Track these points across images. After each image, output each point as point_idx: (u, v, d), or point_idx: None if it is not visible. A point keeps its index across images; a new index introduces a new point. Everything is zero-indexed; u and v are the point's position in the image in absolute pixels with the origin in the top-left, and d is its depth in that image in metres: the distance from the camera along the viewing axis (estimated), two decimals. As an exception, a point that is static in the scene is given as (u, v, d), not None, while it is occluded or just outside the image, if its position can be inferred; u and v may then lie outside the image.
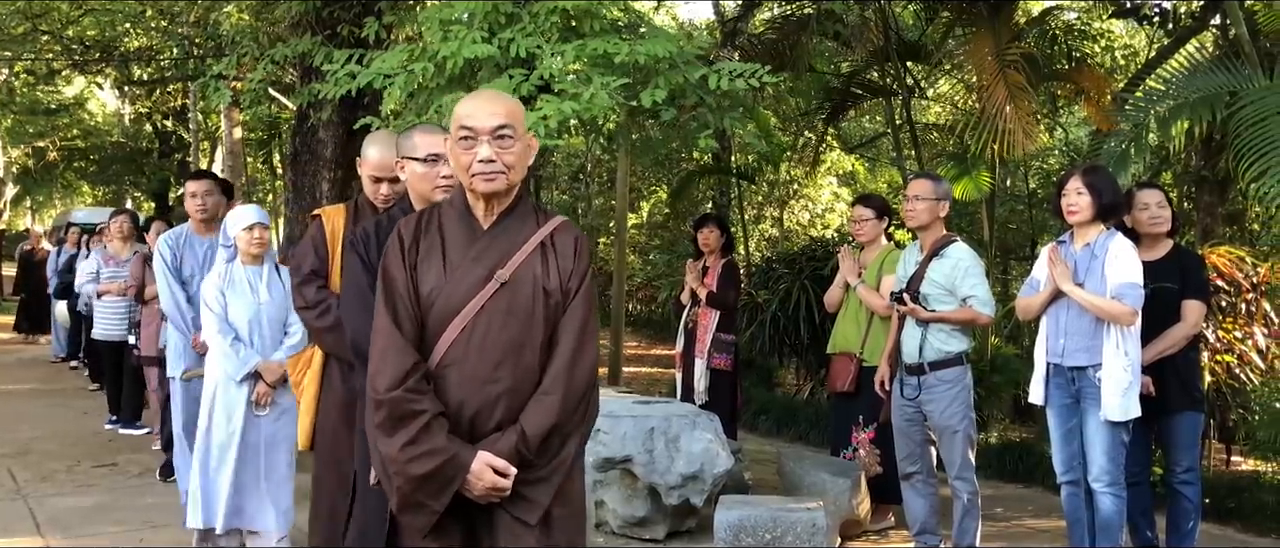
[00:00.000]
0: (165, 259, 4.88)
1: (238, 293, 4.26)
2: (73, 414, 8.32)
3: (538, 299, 2.27)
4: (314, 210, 3.41)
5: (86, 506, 5.43)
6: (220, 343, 4.21)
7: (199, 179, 5.11)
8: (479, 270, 2.27)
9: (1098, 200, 3.94)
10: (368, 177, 3.27)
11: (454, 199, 2.38)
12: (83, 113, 26.56)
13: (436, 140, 2.82)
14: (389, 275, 2.28)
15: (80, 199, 33.66)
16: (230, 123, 19.03)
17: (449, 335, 2.23)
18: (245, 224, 4.21)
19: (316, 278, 3.22)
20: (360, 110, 7.42)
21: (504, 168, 2.26)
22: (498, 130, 2.25)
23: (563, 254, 2.34)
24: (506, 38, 4.67)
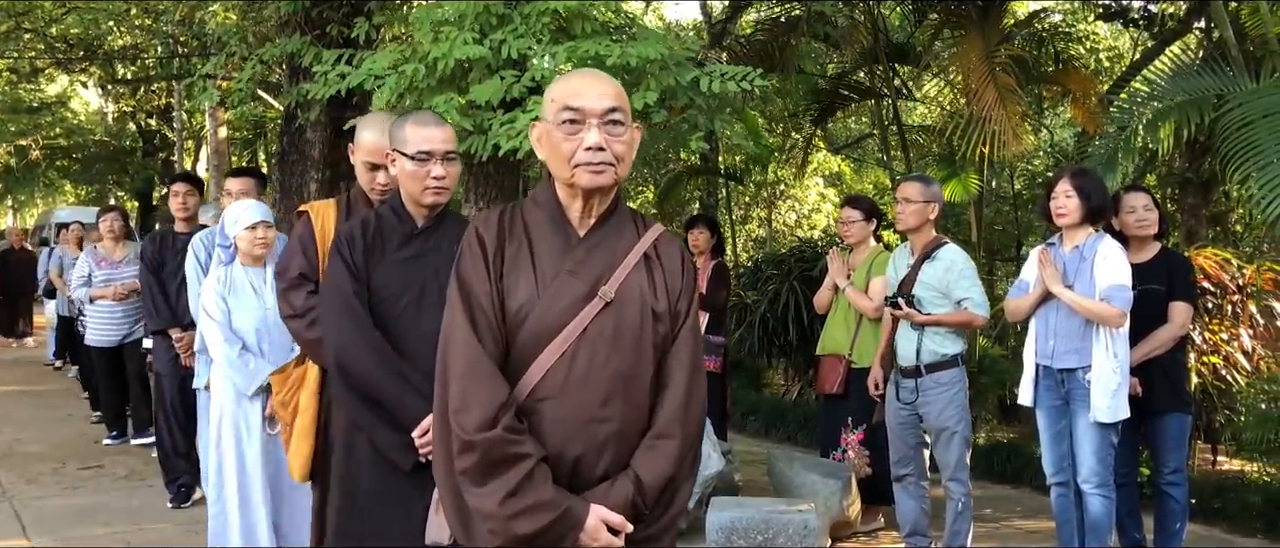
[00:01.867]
0: (200, 260, 4.56)
1: (241, 298, 3.87)
2: (58, 416, 8.26)
3: (646, 322, 1.94)
4: (300, 207, 3.10)
5: (73, 507, 5.40)
6: (226, 354, 3.78)
7: (239, 177, 4.68)
8: (578, 286, 1.92)
9: (1086, 203, 3.97)
10: (362, 163, 2.95)
11: (540, 197, 2.01)
12: (65, 111, 26.36)
13: (430, 135, 2.57)
14: (468, 286, 1.92)
15: (62, 198, 33.41)
16: (215, 122, 18.93)
17: (545, 362, 1.88)
18: (247, 222, 3.84)
19: (305, 282, 2.88)
20: (348, 110, 7.40)
21: (613, 159, 1.89)
22: (609, 114, 1.89)
23: (669, 269, 2.01)
24: (498, 39, 4.66)
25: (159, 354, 5.32)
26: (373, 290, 2.58)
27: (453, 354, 1.89)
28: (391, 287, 2.59)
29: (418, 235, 2.66)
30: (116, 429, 7.19)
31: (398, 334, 2.56)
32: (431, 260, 2.60)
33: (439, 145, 2.58)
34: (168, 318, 5.17)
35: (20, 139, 24.08)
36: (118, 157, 26.97)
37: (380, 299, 2.58)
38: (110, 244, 7.08)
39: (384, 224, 2.65)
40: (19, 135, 24.11)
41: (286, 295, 2.91)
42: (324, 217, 2.97)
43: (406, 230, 2.65)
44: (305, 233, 2.96)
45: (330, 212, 2.99)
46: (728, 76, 4.59)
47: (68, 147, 26.68)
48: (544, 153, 1.96)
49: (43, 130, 24.61)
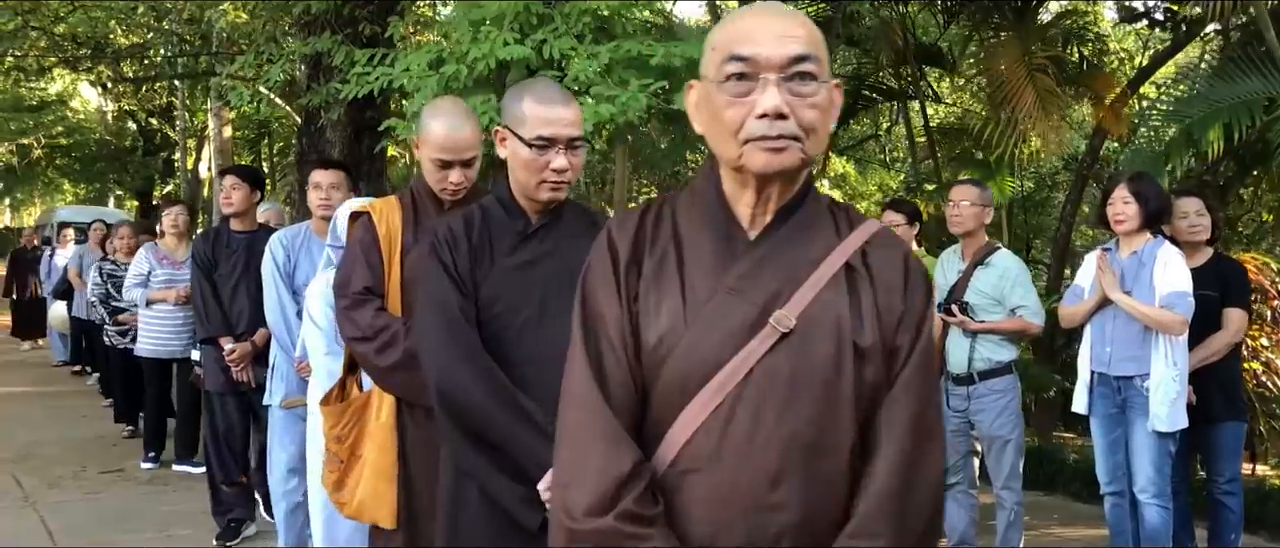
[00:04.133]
0: (277, 262, 4.03)
1: None
2: (73, 417, 8.16)
3: (844, 363, 1.35)
4: (360, 206, 2.68)
5: (99, 513, 5.32)
6: (331, 368, 3.22)
7: (327, 169, 4.09)
8: (743, 309, 1.35)
9: (1144, 208, 3.91)
10: (430, 159, 2.53)
11: (697, 187, 1.47)
12: (66, 110, 26.25)
13: (554, 115, 2.10)
14: (592, 310, 1.43)
15: (61, 198, 33.29)
16: (220, 122, 18.84)
17: (692, 418, 1.34)
18: None
19: (371, 298, 2.49)
20: (369, 110, 7.35)
21: (799, 131, 1.32)
22: (794, 64, 1.31)
23: (885, 285, 1.40)
24: (538, 39, 4.60)
25: (208, 367, 4.70)
26: (482, 306, 2.14)
27: (565, 404, 1.42)
28: (505, 300, 2.14)
29: (533, 235, 2.21)
30: (154, 451, 6.39)
31: (514, 359, 2.09)
32: (551, 265, 2.18)
33: (564, 130, 2.12)
34: (220, 325, 4.53)
35: (21, 138, 23.96)
36: (118, 156, 26.86)
37: (491, 316, 2.14)
38: (174, 242, 6.22)
39: (492, 222, 2.19)
40: (20, 134, 24.01)
41: (350, 315, 2.49)
42: (387, 218, 2.57)
43: (519, 229, 2.19)
44: (366, 238, 2.56)
45: (394, 212, 2.59)
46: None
47: (68, 145, 26.58)
48: (702, 124, 1.42)
49: (44, 129, 24.49)
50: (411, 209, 2.62)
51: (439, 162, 2.52)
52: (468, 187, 2.56)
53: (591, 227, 2.22)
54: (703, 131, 1.43)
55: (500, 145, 2.18)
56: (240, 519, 4.80)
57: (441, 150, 2.51)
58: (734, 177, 1.41)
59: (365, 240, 2.57)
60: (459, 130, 2.49)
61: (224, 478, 4.76)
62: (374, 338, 2.43)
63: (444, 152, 2.51)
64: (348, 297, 2.52)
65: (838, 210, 1.48)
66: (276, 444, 4.10)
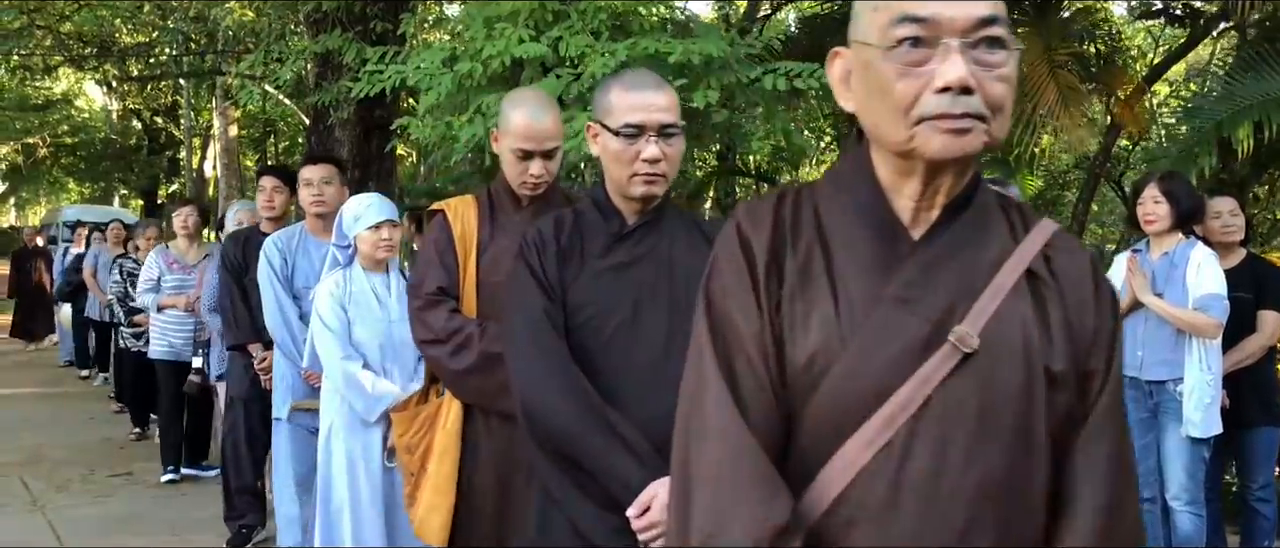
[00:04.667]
0: (273, 266, 3.85)
1: (362, 308, 3.30)
2: (80, 419, 8.09)
3: (1036, 389, 1.12)
4: (434, 204, 2.58)
5: (107, 517, 5.24)
6: (345, 372, 3.20)
7: (317, 164, 3.91)
8: (913, 323, 1.13)
9: (1176, 208, 3.82)
10: (511, 150, 2.38)
11: (843, 174, 1.24)
12: (71, 109, 26.25)
13: (643, 101, 1.93)
14: (724, 321, 1.18)
15: (66, 196, 33.31)
16: (225, 121, 18.80)
17: (856, 457, 1.10)
18: (370, 221, 3.26)
19: (445, 299, 2.40)
20: (378, 110, 7.28)
21: (985, 108, 1.09)
22: (982, 26, 1.09)
23: (1074, 296, 1.18)
24: (554, 36, 4.51)
25: (235, 374, 4.50)
26: (570, 311, 1.97)
27: (699, 436, 1.15)
28: (595, 306, 1.97)
29: (628, 236, 2.02)
30: (172, 463, 6.06)
31: (603, 368, 1.92)
32: (647, 268, 2.00)
33: (655, 116, 1.93)
34: (249, 332, 4.29)
35: (27, 137, 23.94)
36: (123, 154, 26.86)
37: (579, 321, 1.97)
38: (184, 244, 5.97)
39: (584, 223, 2.05)
40: (25, 132, 24.00)
41: (423, 317, 2.39)
42: (463, 216, 2.47)
43: (614, 230, 2.02)
44: (441, 237, 2.47)
45: (470, 210, 2.48)
46: (795, 74, 4.44)
47: (73, 144, 26.58)
48: (856, 100, 1.18)
49: (49, 128, 24.47)
50: (488, 207, 2.51)
51: (519, 152, 2.38)
52: (548, 181, 2.43)
53: (693, 229, 2.09)
54: (855, 109, 1.20)
55: (592, 142, 2.03)
56: (251, 526, 4.71)
57: (523, 140, 2.37)
58: (895, 163, 1.16)
59: (440, 240, 2.48)
60: (540, 119, 2.37)
61: (239, 485, 4.61)
62: (447, 341, 2.35)
63: (525, 141, 2.37)
64: (421, 298, 2.42)
65: (1008, 206, 1.24)
66: (284, 459, 3.88)
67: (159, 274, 5.84)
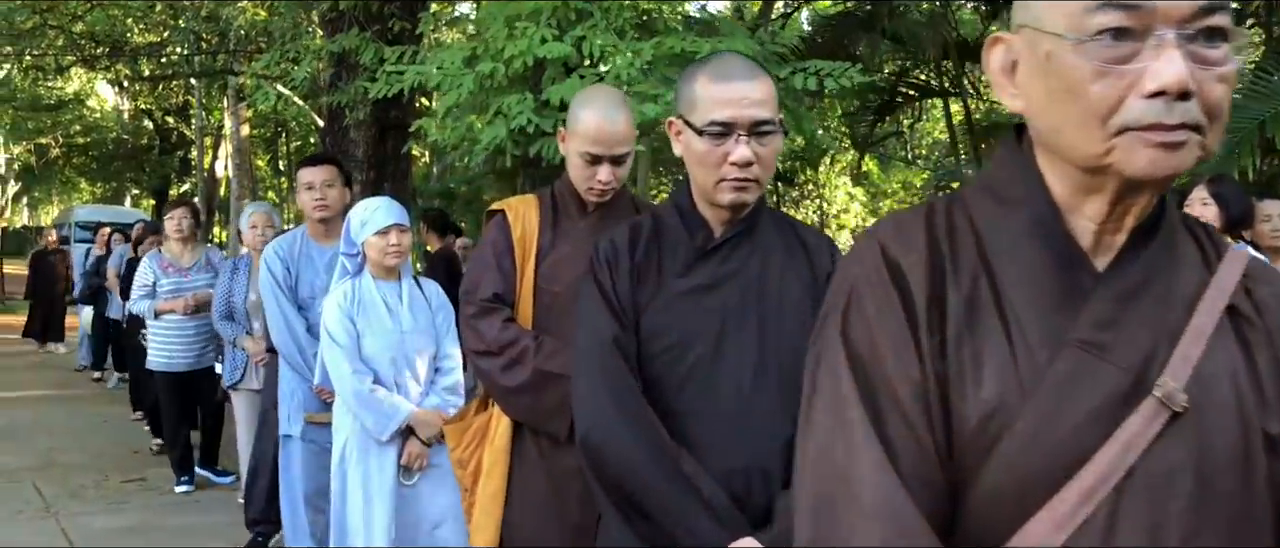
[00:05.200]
0: (276, 276, 3.64)
1: (371, 319, 3.10)
2: (93, 423, 8.02)
3: (1254, 454, 0.92)
4: (496, 204, 2.39)
5: (121, 526, 5.15)
6: (355, 389, 3.04)
7: (318, 165, 3.69)
8: (1107, 373, 0.92)
9: (1225, 212, 3.69)
10: (578, 153, 2.19)
11: (1006, 185, 1.02)
12: (83, 109, 26.31)
13: (736, 91, 1.65)
14: (871, 366, 0.96)
15: (78, 196, 33.41)
16: (237, 120, 18.76)
17: (1047, 535, 0.90)
18: (378, 226, 3.07)
19: (501, 306, 2.22)
20: (393, 110, 7.19)
21: (1202, 117, 0.88)
22: (1202, 16, 0.87)
23: None
24: (577, 35, 4.40)
25: (272, 383, 4.20)
26: (644, 339, 1.72)
27: (851, 513, 0.92)
28: (673, 335, 1.71)
29: (714, 252, 1.76)
30: (186, 475, 5.88)
31: (681, 409, 1.68)
32: (735, 290, 1.73)
33: (746, 111, 1.65)
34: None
35: (39, 137, 23.99)
36: (134, 154, 26.92)
37: (654, 352, 1.72)
38: (177, 247, 5.75)
39: (663, 234, 1.80)
40: (37, 133, 24.06)
41: (475, 325, 2.21)
42: (524, 218, 2.27)
43: (698, 244, 1.76)
44: (500, 239, 2.27)
45: (531, 211, 2.28)
46: (826, 73, 4.32)
47: (85, 144, 26.65)
48: (1033, 101, 0.96)
49: (62, 128, 24.52)
50: (551, 209, 2.31)
51: (588, 156, 2.17)
52: (616, 188, 2.23)
53: (791, 238, 1.82)
54: (1025, 109, 0.97)
55: (675, 141, 1.77)
56: (266, 535, 4.56)
57: (592, 143, 2.16)
58: (1077, 177, 0.94)
59: (498, 242, 2.28)
60: (613, 121, 2.16)
61: (269, 492, 4.24)
62: (499, 353, 2.17)
63: (595, 144, 2.16)
64: (475, 304, 2.23)
65: (1194, 225, 1.03)
66: (295, 477, 3.66)
67: (154, 279, 5.63)
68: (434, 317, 3.21)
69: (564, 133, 2.25)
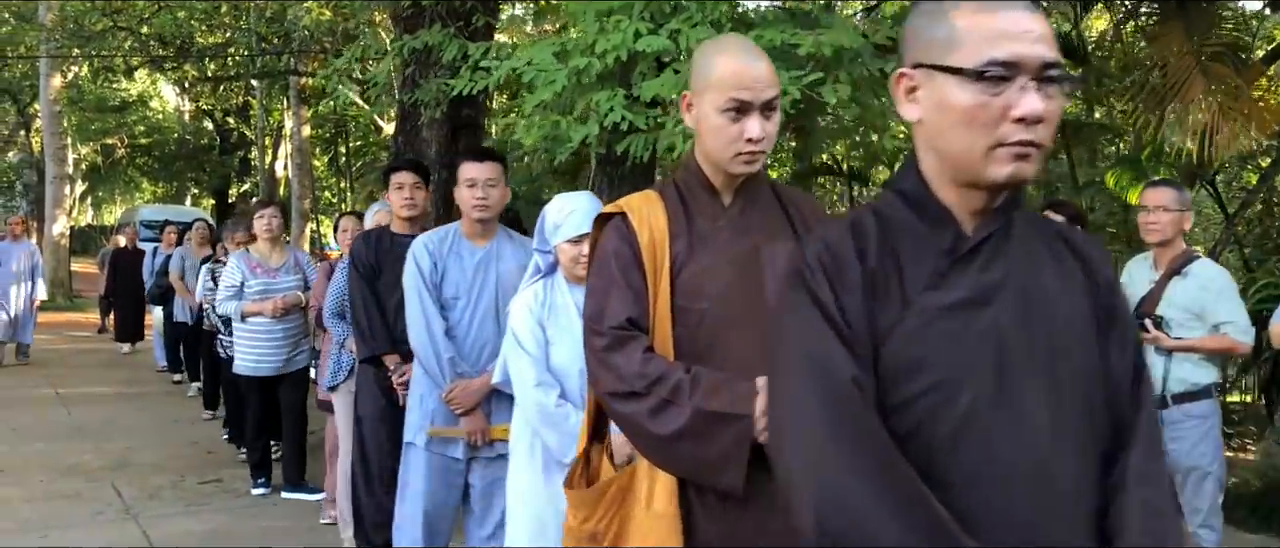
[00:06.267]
0: (422, 271, 3.38)
1: (562, 328, 2.77)
2: (165, 421, 8.04)
3: None
4: (609, 205, 2.01)
5: (202, 529, 5.10)
6: (540, 403, 2.69)
7: (483, 162, 3.40)
8: None
9: None
10: (719, 110, 1.80)
11: None
12: (146, 110, 26.79)
13: (1016, 21, 1.21)
14: None
15: (140, 195, 34.04)
16: (298, 121, 18.92)
17: None
18: (571, 233, 2.72)
19: (637, 333, 1.83)
20: (466, 109, 7.08)
21: None
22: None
23: None
24: (672, 29, 4.23)
25: (365, 388, 4.01)
26: (891, 377, 1.26)
27: None
28: (934, 370, 1.25)
29: (972, 254, 1.29)
30: (263, 476, 5.79)
31: (955, 477, 1.23)
32: (1006, 306, 1.26)
33: (1034, 50, 1.21)
34: (385, 343, 3.81)
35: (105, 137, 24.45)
36: (195, 155, 27.35)
37: (909, 397, 1.26)
38: (267, 247, 5.58)
39: (895, 232, 1.32)
40: (103, 133, 24.52)
41: (608, 360, 1.82)
42: (650, 220, 1.88)
43: (945, 245, 1.29)
44: (623, 250, 1.88)
45: (657, 211, 1.90)
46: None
47: (148, 144, 27.14)
48: None
49: (126, 129, 24.97)
50: (678, 205, 1.92)
51: (734, 104, 1.79)
52: (767, 150, 1.83)
53: (1057, 243, 1.36)
54: None
55: (903, 102, 1.30)
56: None
57: (737, 87, 1.78)
58: None
59: (622, 253, 1.88)
60: (755, 62, 1.81)
61: (375, 516, 3.86)
62: (646, 394, 1.76)
63: (740, 88, 1.78)
64: (604, 334, 1.83)
65: None
66: (416, 493, 3.39)
67: (241, 279, 5.48)
68: None
69: (689, 97, 1.90)
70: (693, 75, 1.89)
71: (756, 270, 1.86)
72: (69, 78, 17.88)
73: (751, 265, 1.86)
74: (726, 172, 1.89)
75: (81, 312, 17.53)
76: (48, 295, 17.78)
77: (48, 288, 18.04)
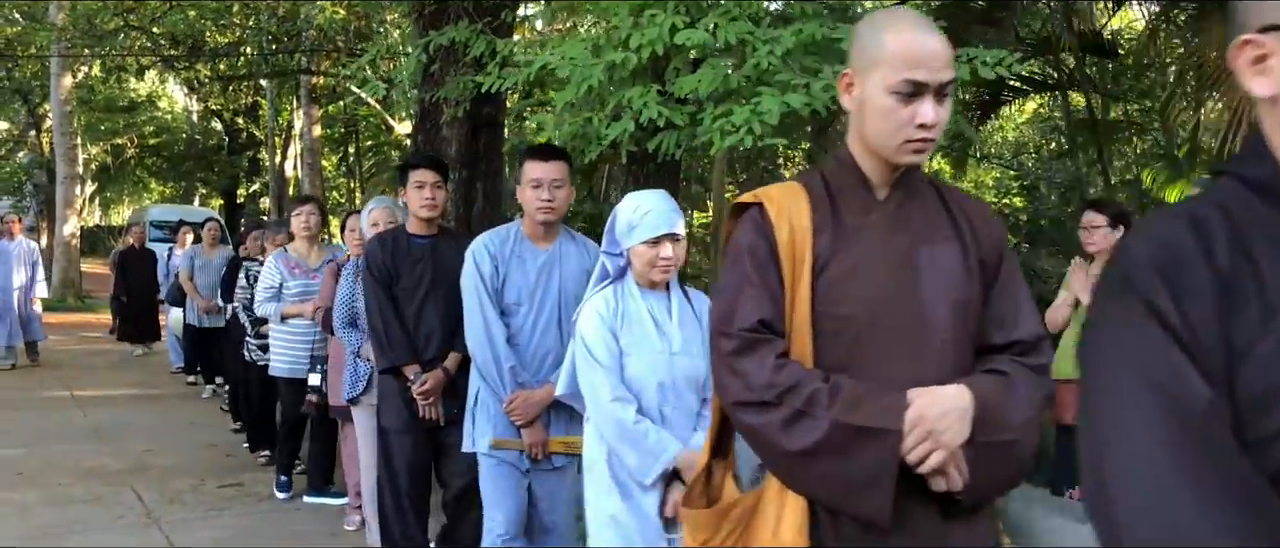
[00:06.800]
0: (483, 275, 3.17)
1: (637, 336, 2.57)
2: (182, 424, 7.96)
3: None
4: (745, 194, 1.83)
5: (225, 534, 5.01)
6: (618, 420, 2.48)
7: (548, 161, 3.18)
8: None
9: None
10: (887, 90, 1.62)
11: None
12: (155, 110, 26.76)
13: None
14: None
15: (148, 195, 34.03)
16: (308, 120, 18.85)
17: None
18: (647, 234, 2.53)
19: (771, 338, 1.68)
20: (486, 107, 6.98)
21: None
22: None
23: None
24: (710, 22, 4.13)
25: (388, 399, 3.81)
26: (1252, 403, 1.00)
27: None
28: None
29: None
30: (286, 476, 5.66)
31: None
32: None
33: None
34: (404, 352, 3.64)
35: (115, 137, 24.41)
36: (204, 155, 27.32)
37: (1266, 420, 1.00)
38: (305, 246, 5.42)
39: (1238, 223, 1.06)
40: (112, 134, 24.49)
41: (737, 365, 1.67)
42: (790, 212, 1.71)
43: None
44: (760, 245, 1.72)
45: (800, 203, 1.72)
46: (982, 61, 3.99)
47: (157, 144, 27.11)
48: None
49: (135, 129, 24.94)
50: (824, 197, 1.74)
51: (905, 86, 1.60)
52: (937, 140, 1.66)
53: None
54: None
55: (1250, 73, 1.06)
56: None
57: (909, 66, 1.59)
58: None
59: (757, 249, 1.71)
60: (929, 37, 1.62)
61: (402, 536, 3.76)
62: (778, 404, 1.61)
63: (913, 67, 1.59)
64: (734, 336, 1.68)
65: None
66: (490, 499, 3.25)
67: (280, 280, 5.35)
68: (705, 335, 2.54)
69: (850, 75, 1.70)
70: (855, 51, 1.71)
71: (910, 275, 1.69)
72: (79, 77, 17.86)
73: (905, 269, 1.69)
74: (888, 161, 1.70)
75: (92, 312, 17.48)
76: (59, 296, 17.83)
77: (59, 288, 18.09)
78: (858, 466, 1.57)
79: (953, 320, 1.70)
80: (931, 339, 1.68)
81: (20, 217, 11.95)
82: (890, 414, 1.57)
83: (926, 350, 1.67)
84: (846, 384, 1.62)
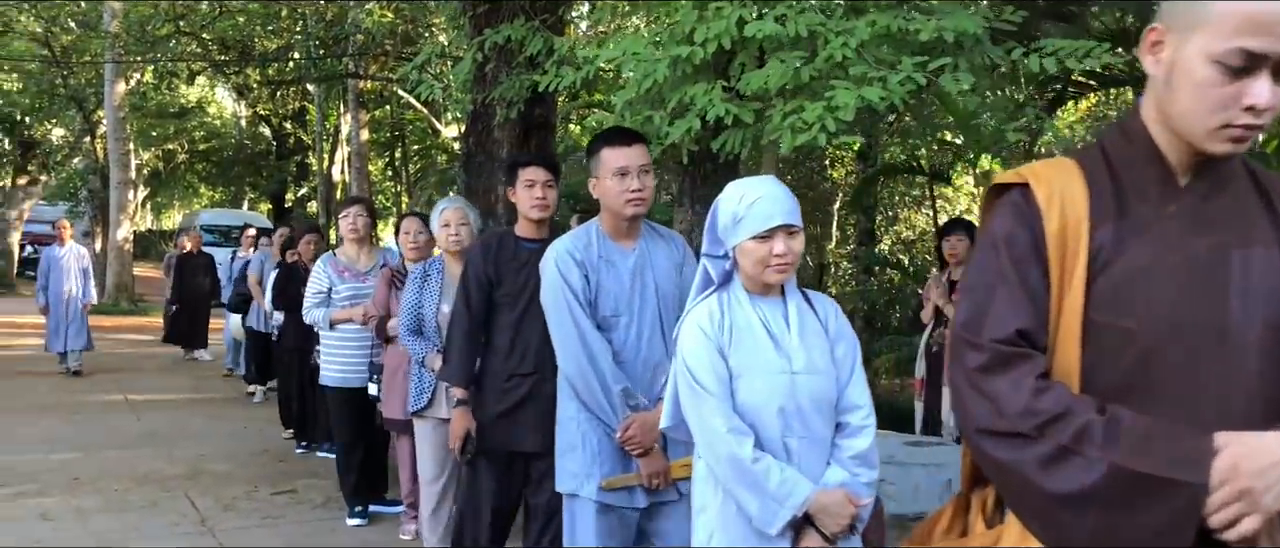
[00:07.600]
0: (571, 286, 2.78)
1: (749, 352, 2.13)
2: (235, 428, 7.94)
3: None
4: (1007, 172, 1.51)
5: (280, 542, 4.93)
6: (734, 456, 2.04)
7: (629, 145, 2.85)
8: None
9: None
10: (1208, 61, 1.32)
11: None
12: (205, 116, 27.12)
13: None
14: None
15: (197, 200, 34.52)
16: (356, 124, 18.93)
17: None
18: (759, 227, 2.09)
19: (1030, 353, 1.38)
20: (538, 108, 6.86)
21: None
22: None
23: None
24: (778, 14, 3.96)
25: (486, 430, 3.45)
26: None
27: None
28: None
29: None
30: (361, 506, 5.20)
31: None
32: None
33: None
34: (461, 379, 3.42)
35: (165, 143, 24.77)
36: (252, 159, 27.61)
37: None
38: (354, 249, 5.18)
39: None
40: (163, 140, 24.85)
41: (984, 384, 1.38)
42: (1063, 196, 1.40)
43: None
44: (1020, 236, 1.42)
45: (1073, 182, 1.41)
46: (1067, 54, 3.79)
47: (206, 150, 27.47)
48: None
49: (186, 134, 25.29)
50: (1106, 179, 1.42)
51: (1242, 56, 1.30)
52: (1264, 127, 1.36)
53: None
54: None
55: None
56: None
57: (1252, 31, 1.29)
58: None
59: (1017, 240, 1.41)
60: None
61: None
62: (1037, 437, 1.32)
63: (1257, 32, 1.28)
64: (984, 348, 1.39)
65: None
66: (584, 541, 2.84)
67: (329, 285, 5.09)
68: (833, 349, 2.19)
69: (1158, 32, 1.39)
70: (1168, 7, 1.38)
71: (1219, 284, 1.36)
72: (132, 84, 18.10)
73: (1212, 275, 1.36)
74: (1196, 147, 1.37)
75: (145, 316, 17.68)
76: (113, 300, 18.04)
77: (113, 292, 18.31)
78: (1143, 523, 1.27)
79: (1271, 345, 1.35)
80: (1242, 367, 1.34)
81: (71, 222, 12.04)
82: (1192, 464, 1.27)
83: (1235, 381, 1.34)
84: (1129, 417, 1.31)
